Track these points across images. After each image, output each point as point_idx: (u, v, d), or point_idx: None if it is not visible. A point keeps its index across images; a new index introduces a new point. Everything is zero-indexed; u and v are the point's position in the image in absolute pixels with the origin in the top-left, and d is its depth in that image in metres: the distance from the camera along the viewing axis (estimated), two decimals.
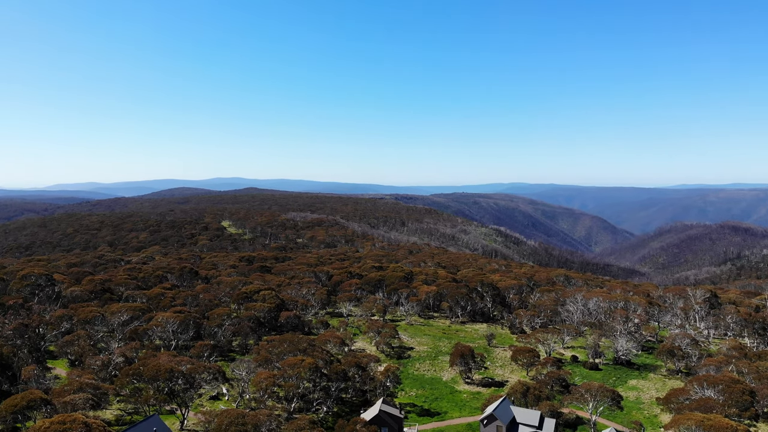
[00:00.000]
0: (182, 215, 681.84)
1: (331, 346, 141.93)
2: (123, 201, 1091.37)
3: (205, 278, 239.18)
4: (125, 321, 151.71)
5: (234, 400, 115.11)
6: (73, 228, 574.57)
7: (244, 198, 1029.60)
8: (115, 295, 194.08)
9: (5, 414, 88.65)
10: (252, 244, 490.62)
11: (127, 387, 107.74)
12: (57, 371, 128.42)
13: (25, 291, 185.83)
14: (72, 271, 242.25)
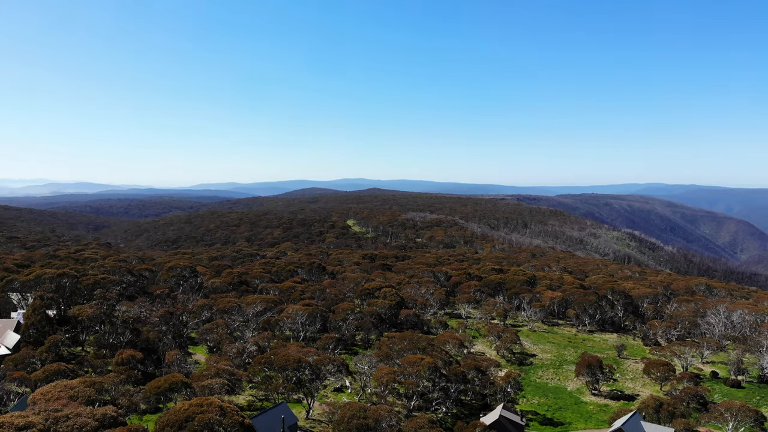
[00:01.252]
0: (312, 214, 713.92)
1: (450, 346, 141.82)
2: (259, 200, 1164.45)
3: (332, 274, 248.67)
4: (259, 312, 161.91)
5: (356, 394, 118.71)
6: (214, 224, 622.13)
7: (367, 198, 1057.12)
8: (251, 287, 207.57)
9: (149, 394, 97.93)
10: (374, 243, 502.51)
11: (259, 374, 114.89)
12: (197, 357, 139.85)
13: (171, 281, 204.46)
14: (213, 264, 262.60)
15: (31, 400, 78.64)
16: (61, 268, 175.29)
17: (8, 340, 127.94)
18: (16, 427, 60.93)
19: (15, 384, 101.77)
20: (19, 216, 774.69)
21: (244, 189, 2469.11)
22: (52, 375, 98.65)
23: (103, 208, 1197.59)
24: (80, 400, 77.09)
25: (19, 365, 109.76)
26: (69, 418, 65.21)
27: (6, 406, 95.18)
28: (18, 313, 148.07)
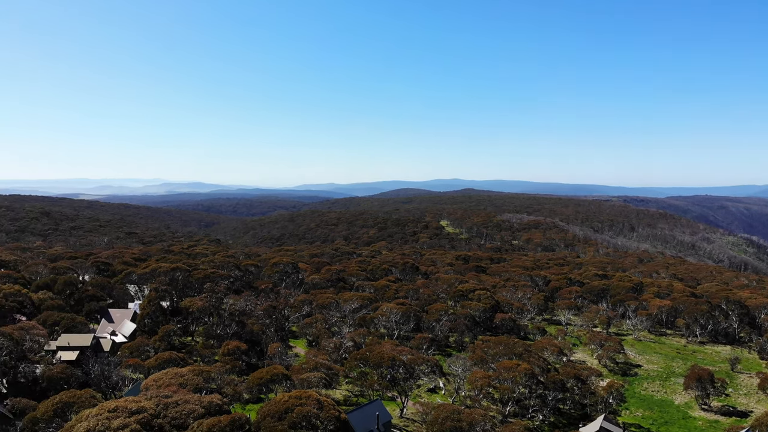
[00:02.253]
0: (405, 214, 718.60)
1: (548, 353, 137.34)
2: (356, 200, 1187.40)
3: (425, 274, 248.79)
4: (355, 308, 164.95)
5: (450, 395, 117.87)
6: (315, 223, 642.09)
7: (461, 199, 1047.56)
8: (348, 284, 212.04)
9: (252, 385, 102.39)
10: (468, 244, 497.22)
11: (355, 370, 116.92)
12: (297, 350, 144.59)
13: (274, 277, 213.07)
14: (313, 260, 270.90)
15: (144, 386, 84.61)
16: (174, 263, 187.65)
17: (125, 328, 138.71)
18: (129, 411, 65.77)
19: (130, 370, 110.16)
20: (138, 213, 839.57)
21: (342, 189, 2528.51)
22: (164, 363, 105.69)
23: (214, 206, 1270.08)
24: (189, 387, 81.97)
25: (134, 353, 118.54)
26: (178, 404, 69.50)
27: (120, 390, 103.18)
28: (135, 303, 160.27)
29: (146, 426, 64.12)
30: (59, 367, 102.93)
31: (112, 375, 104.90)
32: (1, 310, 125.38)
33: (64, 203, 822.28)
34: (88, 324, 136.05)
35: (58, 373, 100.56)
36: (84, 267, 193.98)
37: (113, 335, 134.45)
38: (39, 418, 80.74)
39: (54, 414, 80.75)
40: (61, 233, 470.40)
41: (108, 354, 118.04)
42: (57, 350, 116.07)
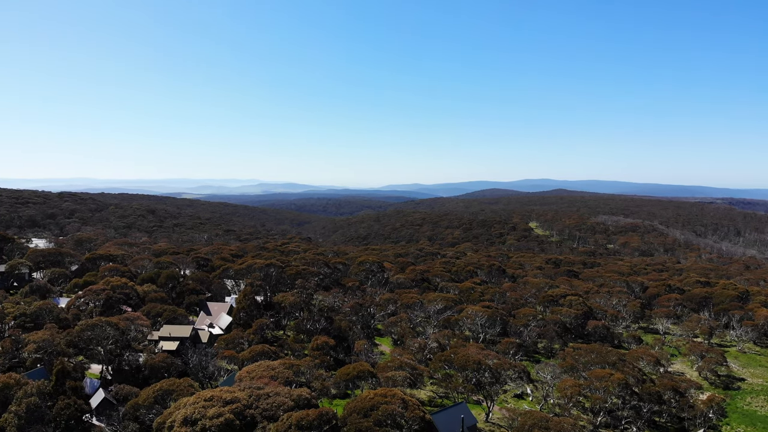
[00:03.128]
0: (492, 215, 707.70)
1: (643, 363, 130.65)
2: (441, 201, 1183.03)
3: (512, 277, 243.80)
4: (439, 310, 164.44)
5: (538, 402, 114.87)
6: (400, 223, 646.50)
7: (551, 199, 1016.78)
8: (432, 284, 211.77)
9: (339, 380, 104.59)
10: (559, 247, 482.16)
11: (439, 372, 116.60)
12: (382, 348, 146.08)
13: (361, 275, 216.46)
14: (398, 260, 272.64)
15: (238, 377, 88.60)
16: (268, 259, 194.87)
17: (222, 321, 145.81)
18: (224, 401, 69.05)
19: (225, 361, 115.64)
20: (236, 212, 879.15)
21: (427, 190, 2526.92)
22: (257, 355, 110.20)
23: (305, 206, 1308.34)
24: (280, 380, 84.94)
25: (230, 345, 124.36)
26: (269, 396, 72.18)
27: (216, 380, 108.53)
28: (231, 297, 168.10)
29: (239, 416, 67.10)
30: (160, 356, 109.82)
31: (209, 365, 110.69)
32: (109, 301, 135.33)
33: (168, 202, 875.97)
34: (188, 316, 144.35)
35: (159, 362, 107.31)
36: (185, 262, 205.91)
37: (211, 327, 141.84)
38: (140, 404, 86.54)
39: (154, 401, 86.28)
40: (164, 230, 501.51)
41: (206, 345, 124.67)
42: (159, 340, 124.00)
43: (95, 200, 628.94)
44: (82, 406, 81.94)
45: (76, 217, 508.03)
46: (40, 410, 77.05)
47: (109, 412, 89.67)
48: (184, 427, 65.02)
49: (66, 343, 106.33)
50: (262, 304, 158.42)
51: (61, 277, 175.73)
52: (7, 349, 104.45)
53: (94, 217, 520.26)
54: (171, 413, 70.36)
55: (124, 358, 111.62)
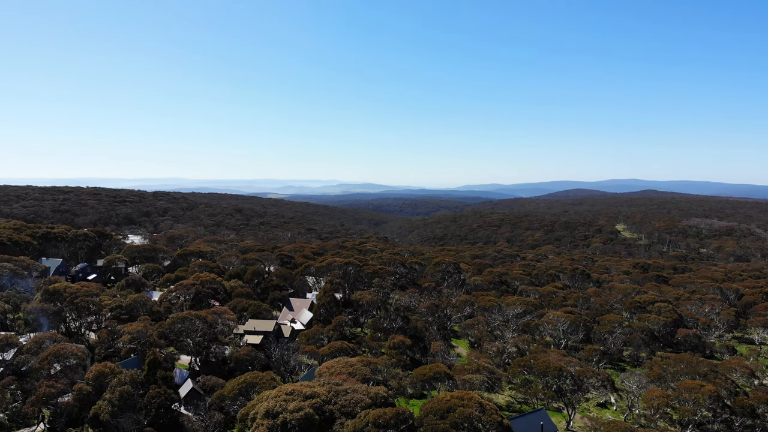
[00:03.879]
0: (575, 216, 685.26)
1: (737, 375, 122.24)
2: (521, 201, 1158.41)
3: (597, 282, 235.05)
4: (519, 314, 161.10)
5: (622, 412, 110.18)
6: (477, 224, 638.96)
7: (640, 201, 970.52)
8: (510, 287, 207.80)
9: (416, 380, 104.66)
10: (647, 251, 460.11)
11: (518, 377, 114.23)
12: (459, 350, 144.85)
13: (437, 275, 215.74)
14: (475, 262, 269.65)
15: (317, 372, 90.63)
16: (347, 258, 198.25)
17: (303, 317, 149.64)
18: (304, 396, 70.81)
19: (306, 356, 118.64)
20: (317, 211, 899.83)
21: (506, 190, 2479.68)
22: (336, 351, 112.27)
23: (383, 206, 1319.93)
24: (357, 377, 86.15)
25: (310, 340, 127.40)
26: (347, 392, 73.35)
27: (297, 375, 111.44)
28: (312, 294, 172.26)
29: (318, 411, 68.63)
30: (245, 350, 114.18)
31: (291, 360, 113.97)
32: (198, 295, 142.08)
33: (254, 201, 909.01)
34: (271, 311, 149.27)
35: (244, 355, 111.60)
36: (269, 259, 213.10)
37: (293, 322, 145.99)
38: (225, 395, 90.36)
39: (239, 393, 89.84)
40: (251, 228, 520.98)
41: (288, 340, 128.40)
42: (244, 334, 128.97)
43: (187, 199, 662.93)
44: (172, 395, 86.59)
45: (169, 215, 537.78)
46: (132, 398, 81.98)
47: (197, 401, 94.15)
48: (266, 419, 67.24)
49: (158, 335, 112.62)
50: (341, 302, 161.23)
51: (154, 272, 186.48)
52: (103, 340, 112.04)
53: (186, 215, 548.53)
54: (254, 405, 73.01)
55: (211, 350, 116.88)
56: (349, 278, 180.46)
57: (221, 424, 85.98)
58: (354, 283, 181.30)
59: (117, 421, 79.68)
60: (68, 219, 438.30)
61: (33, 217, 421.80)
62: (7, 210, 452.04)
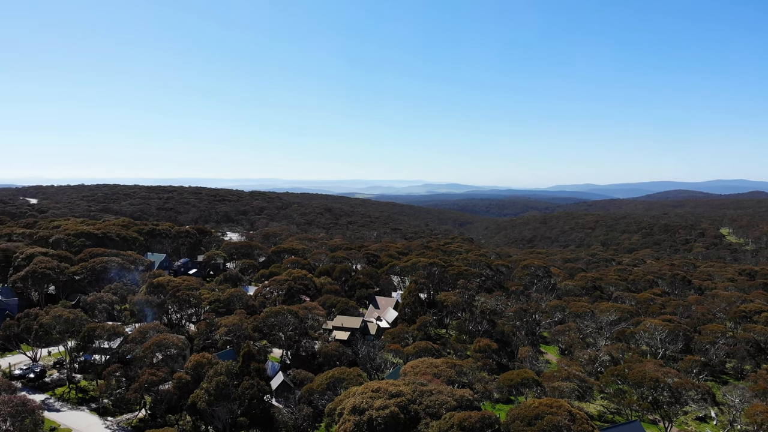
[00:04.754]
0: (676, 219, 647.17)
1: None
2: (617, 203, 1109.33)
3: (699, 289, 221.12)
4: (613, 321, 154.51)
5: (722, 428, 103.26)
6: (569, 226, 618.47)
7: (747, 203, 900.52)
8: (605, 293, 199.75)
9: (502, 385, 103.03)
10: (754, 257, 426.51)
11: (611, 386, 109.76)
12: (548, 356, 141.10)
13: (525, 279, 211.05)
14: (566, 266, 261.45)
15: (403, 371, 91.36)
16: (431, 258, 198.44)
17: (389, 315, 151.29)
18: (390, 394, 71.60)
19: (391, 354, 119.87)
20: (402, 211, 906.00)
21: (601, 191, 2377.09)
22: (421, 351, 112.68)
23: (468, 206, 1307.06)
24: (442, 378, 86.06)
25: (396, 339, 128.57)
26: (432, 393, 73.47)
27: (382, 372, 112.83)
28: (397, 293, 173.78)
29: (403, 410, 69.24)
30: (334, 345, 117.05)
31: (376, 357, 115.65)
32: (290, 291, 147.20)
33: (343, 201, 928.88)
34: (358, 308, 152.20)
35: (332, 350, 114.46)
36: (356, 257, 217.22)
37: (378, 320, 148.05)
38: (314, 389, 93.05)
39: (327, 387, 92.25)
40: (339, 227, 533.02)
41: (373, 337, 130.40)
42: (332, 329, 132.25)
43: (281, 199, 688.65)
44: (264, 387, 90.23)
45: (264, 213, 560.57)
46: (227, 388, 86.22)
47: (287, 394, 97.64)
48: (353, 415, 68.68)
49: (252, 328, 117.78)
50: (426, 302, 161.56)
51: (250, 268, 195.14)
52: (202, 331, 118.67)
53: (280, 214, 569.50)
54: (341, 401, 74.78)
55: (301, 344, 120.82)
56: (433, 279, 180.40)
57: (310, 417, 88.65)
58: (438, 284, 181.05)
59: (213, 410, 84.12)
60: (172, 216, 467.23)
61: (140, 214, 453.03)
62: (116, 208, 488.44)
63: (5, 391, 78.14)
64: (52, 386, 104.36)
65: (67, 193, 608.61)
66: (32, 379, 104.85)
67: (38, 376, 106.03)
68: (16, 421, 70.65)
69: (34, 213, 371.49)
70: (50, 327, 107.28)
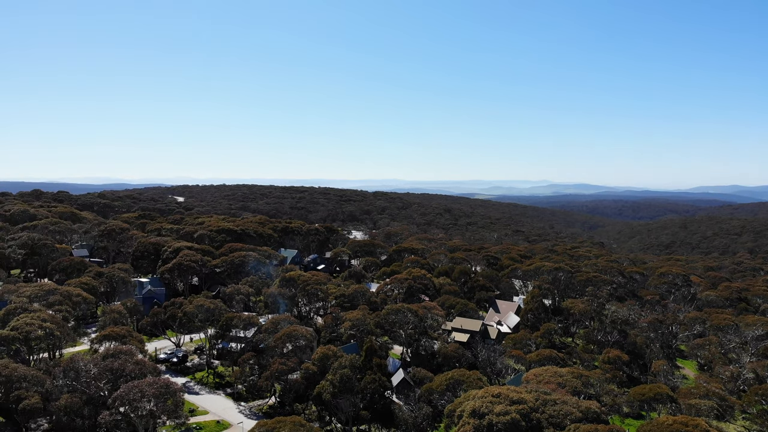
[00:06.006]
0: None
1: None
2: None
3: None
4: (759, 336, 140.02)
5: None
6: (712, 231, 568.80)
7: None
8: (751, 306, 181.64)
9: (633, 399, 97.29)
10: None
11: (755, 406, 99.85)
12: (685, 371, 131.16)
13: (661, 288, 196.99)
14: (708, 274, 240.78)
15: (525, 378, 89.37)
16: (557, 263, 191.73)
17: (510, 320, 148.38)
18: (511, 400, 70.39)
19: (513, 360, 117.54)
20: (525, 213, 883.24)
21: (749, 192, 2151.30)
22: (544, 359, 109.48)
23: (598, 208, 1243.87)
24: (567, 388, 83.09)
25: (517, 344, 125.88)
26: (556, 403, 71.22)
27: (503, 378, 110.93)
28: (519, 297, 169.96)
29: (525, 417, 67.84)
30: (453, 346, 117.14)
31: (497, 362, 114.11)
32: (410, 290, 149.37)
33: (462, 202, 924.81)
34: (477, 311, 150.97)
35: (451, 352, 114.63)
36: (476, 259, 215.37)
37: (499, 324, 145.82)
38: (434, 389, 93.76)
39: (446, 388, 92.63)
40: (458, 228, 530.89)
41: (494, 341, 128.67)
42: (451, 330, 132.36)
43: (402, 199, 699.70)
44: (385, 383, 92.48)
45: (386, 213, 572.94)
46: (350, 381, 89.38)
47: (407, 392, 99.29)
48: (473, 418, 68.49)
49: (374, 324, 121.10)
50: (550, 308, 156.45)
51: (372, 265, 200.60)
52: (328, 324, 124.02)
53: (400, 214, 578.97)
54: (461, 403, 74.84)
55: (421, 343, 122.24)
56: (559, 284, 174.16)
57: (429, 416, 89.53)
58: (564, 290, 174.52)
59: (337, 402, 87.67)
60: (303, 215, 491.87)
61: (274, 212, 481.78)
62: (254, 206, 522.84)
63: (151, 373, 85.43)
64: (192, 370, 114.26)
65: (210, 192, 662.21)
66: (175, 363, 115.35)
67: (180, 361, 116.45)
68: (159, 402, 77.27)
69: (181, 210, 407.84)
70: (193, 315, 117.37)
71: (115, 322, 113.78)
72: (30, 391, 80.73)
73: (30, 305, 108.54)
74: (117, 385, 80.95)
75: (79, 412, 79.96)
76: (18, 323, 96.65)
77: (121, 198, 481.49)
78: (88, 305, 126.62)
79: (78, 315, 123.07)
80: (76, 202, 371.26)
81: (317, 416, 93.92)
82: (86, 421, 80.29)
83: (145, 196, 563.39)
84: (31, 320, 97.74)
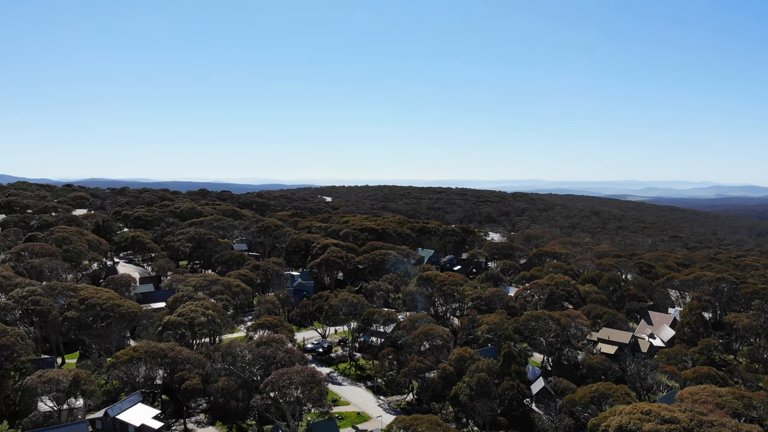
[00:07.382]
0: None
1: None
2: None
3: None
4: None
5: None
6: None
7: None
8: None
9: None
10: None
11: None
12: None
13: None
14: None
15: (678, 396, 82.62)
16: (719, 273, 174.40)
17: (664, 333, 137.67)
18: (662, 419, 65.53)
19: (666, 376, 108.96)
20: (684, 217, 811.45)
21: None
22: (701, 377, 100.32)
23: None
24: (726, 409, 75.70)
25: (671, 360, 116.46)
26: (713, 425, 65.15)
27: (654, 394, 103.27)
28: (675, 309, 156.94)
29: None
30: (598, 358, 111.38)
31: (648, 377, 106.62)
32: (552, 296, 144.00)
33: (611, 204, 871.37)
34: (627, 322, 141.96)
35: (597, 363, 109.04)
36: (627, 266, 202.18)
37: (651, 338, 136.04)
38: (577, 401, 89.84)
39: (590, 401, 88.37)
40: (607, 232, 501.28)
41: (644, 355, 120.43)
42: (597, 341, 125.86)
43: (543, 200, 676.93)
44: (524, 390, 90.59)
45: (525, 215, 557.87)
46: (488, 386, 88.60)
47: (547, 401, 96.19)
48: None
49: (513, 329, 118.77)
50: (710, 322, 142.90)
51: (510, 269, 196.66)
52: (465, 326, 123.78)
53: (542, 216, 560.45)
54: (606, 417, 71.15)
55: (563, 352, 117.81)
56: (721, 296, 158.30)
57: (571, 428, 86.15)
58: (727, 303, 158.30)
59: (473, 405, 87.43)
60: (439, 216, 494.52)
61: (412, 212, 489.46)
62: (393, 206, 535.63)
63: (299, 362, 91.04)
64: (336, 361, 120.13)
65: (354, 193, 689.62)
66: (321, 353, 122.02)
67: (326, 351, 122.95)
68: (306, 390, 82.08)
69: (328, 209, 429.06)
70: (338, 308, 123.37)
71: (269, 312, 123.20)
72: (192, 373, 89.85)
73: (195, 294, 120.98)
74: (268, 371, 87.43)
75: (234, 394, 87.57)
76: (184, 310, 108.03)
77: (276, 197, 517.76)
78: (245, 295, 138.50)
79: (236, 304, 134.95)
80: (237, 201, 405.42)
81: (454, 417, 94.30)
82: (240, 403, 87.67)
83: (298, 195, 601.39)
84: (195, 307, 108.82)
